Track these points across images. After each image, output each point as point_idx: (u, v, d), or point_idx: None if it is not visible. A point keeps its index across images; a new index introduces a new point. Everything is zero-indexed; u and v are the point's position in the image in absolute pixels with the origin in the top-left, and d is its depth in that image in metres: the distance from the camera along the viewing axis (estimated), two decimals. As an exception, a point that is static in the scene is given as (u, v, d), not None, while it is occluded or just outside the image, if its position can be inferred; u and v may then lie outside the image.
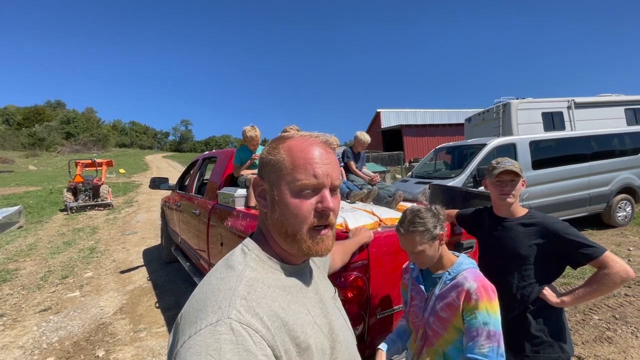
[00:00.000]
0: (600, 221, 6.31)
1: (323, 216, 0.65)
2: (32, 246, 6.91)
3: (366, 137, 3.38)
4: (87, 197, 11.28)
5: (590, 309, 3.31)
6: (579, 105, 6.31)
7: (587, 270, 3.85)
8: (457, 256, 1.34)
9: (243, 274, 0.60)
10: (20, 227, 8.89)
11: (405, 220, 1.27)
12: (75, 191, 11.29)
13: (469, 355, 1.13)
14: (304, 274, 0.71)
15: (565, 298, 1.40)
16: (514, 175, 1.48)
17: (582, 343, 2.77)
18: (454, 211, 1.85)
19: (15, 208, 9.23)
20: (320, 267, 0.85)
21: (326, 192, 0.65)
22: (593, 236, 5.70)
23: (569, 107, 6.26)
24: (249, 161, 2.99)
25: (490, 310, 1.16)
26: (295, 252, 0.67)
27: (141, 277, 4.87)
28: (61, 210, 11.27)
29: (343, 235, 1.62)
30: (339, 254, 1.28)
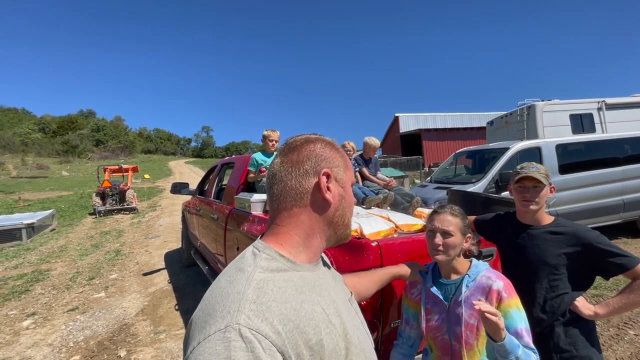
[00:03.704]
0: (636, 229, 5.92)
1: None
2: (63, 248, 7.28)
3: (375, 142, 3.34)
4: (114, 202, 11.78)
5: (625, 323, 3.10)
6: (611, 107, 5.98)
7: (622, 281, 3.61)
8: (470, 260, 1.31)
9: (252, 276, 0.59)
10: (53, 229, 9.38)
11: (453, 207, 1.33)
12: (103, 196, 11.82)
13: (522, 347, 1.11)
14: (317, 274, 0.70)
15: (598, 310, 1.33)
16: (537, 182, 1.41)
17: (617, 360, 2.59)
18: (472, 217, 1.79)
19: (49, 212, 9.76)
20: (335, 276, 0.83)
21: None
22: (628, 245, 5.35)
23: (599, 109, 5.94)
24: (261, 173, 2.99)
25: (519, 306, 1.17)
26: (336, 241, 0.75)
27: (162, 279, 5.00)
28: (90, 214, 11.82)
29: (357, 241, 1.60)
30: (362, 285, 1.17)
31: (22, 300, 4.45)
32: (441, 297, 1.27)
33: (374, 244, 1.55)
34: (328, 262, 0.82)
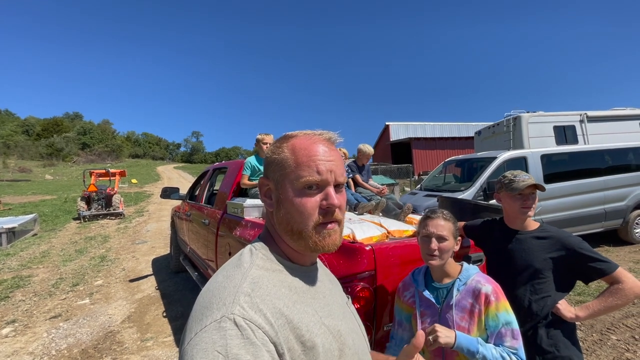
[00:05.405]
0: (617, 237, 6.12)
1: (328, 213, 0.65)
2: (46, 253, 7.05)
3: (369, 149, 3.41)
4: (99, 206, 11.50)
5: (607, 329, 3.18)
6: (592, 119, 6.23)
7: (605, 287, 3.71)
8: (461, 264, 1.35)
9: (248, 272, 0.61)
10: (35, 234, 9.08)
11: (443, 211, 1.36)
12: (88, 200, 11.54)
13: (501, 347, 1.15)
14: (311, 277, 0.71)
15: (579, 312, 1.40)
16: (534, 188, 1.50)
17: (600, 364, 2.65)
18: (461, 223, 1.84)
19: (31, 216, 9.47)
20: (332, 280, 0.83)
21: (330, 189, 0.65)
22: (609, 253, 5.52)
23: (581, 121, 6.19)
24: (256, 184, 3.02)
25: (508, 309, 1.21)
26: (302, 249, 0.67)
27: (150, 286, 4.90)
28: (74, 219, 11.50)
29: (351, 245, 1.62)
30: None
31: (2, 307, 4.28)
32: (433, 301, 1.30)
33: (367, 248, 1.58)
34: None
